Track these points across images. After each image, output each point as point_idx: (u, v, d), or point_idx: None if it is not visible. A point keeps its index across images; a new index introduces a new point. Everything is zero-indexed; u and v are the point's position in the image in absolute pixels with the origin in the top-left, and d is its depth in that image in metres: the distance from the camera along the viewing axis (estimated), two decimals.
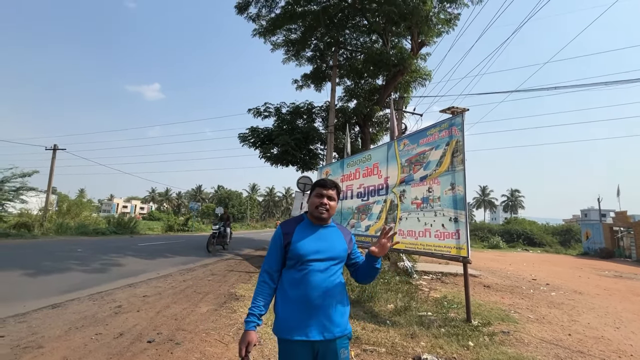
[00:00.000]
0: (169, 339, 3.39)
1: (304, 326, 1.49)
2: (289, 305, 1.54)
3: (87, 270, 6.97)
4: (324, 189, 1.67)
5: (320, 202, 1.65)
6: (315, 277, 1.54)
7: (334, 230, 1.70)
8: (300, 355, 1.49)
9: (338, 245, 1.65)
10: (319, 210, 1.64)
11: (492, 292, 7.11)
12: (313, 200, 1.68)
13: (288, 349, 1.50)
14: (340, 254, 1.64)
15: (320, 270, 1.56)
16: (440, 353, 3.51)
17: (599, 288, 8.38)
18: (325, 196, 1.66)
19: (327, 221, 1.69)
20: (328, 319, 1.52)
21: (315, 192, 1.69)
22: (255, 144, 14.75)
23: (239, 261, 10.07)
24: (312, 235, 1.62)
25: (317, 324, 1.50)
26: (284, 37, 15.46)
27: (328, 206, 1.65)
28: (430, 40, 12.68)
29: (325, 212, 1.64)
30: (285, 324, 1.51)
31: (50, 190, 20.36)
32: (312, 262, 1.56)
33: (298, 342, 1.48)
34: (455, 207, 4.98)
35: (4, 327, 3.50)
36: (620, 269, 13.66)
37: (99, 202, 59.56)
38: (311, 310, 1.51)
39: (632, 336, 4.47)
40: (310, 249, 1.58)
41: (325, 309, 1.53)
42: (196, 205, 33.68)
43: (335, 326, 1.54)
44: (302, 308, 1.51)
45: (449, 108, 5.48)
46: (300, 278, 1.55)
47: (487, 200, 69.94)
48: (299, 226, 1.67)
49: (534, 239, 30.61)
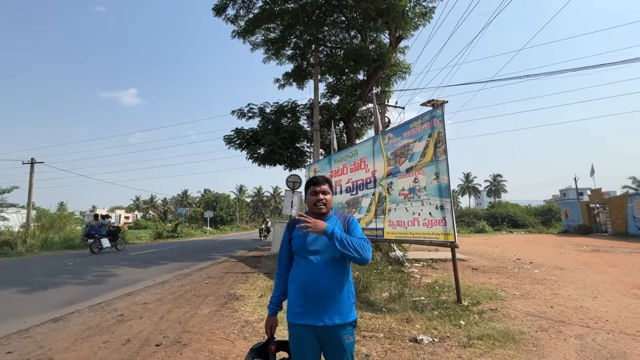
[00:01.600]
0: (176, 341, 3.50)
1: (305, 312, 1.65)
2: (293, 293, 1.72)
3: (82, 283, 6.93)
4: (317, 186, 1.81)
5: (316, 199, 1.79)
6: (314, 268, 1.68)
7: (333, 221, 1.81)
8: (306, 338, 1.65)
9: None
10: (317, 206, 1.79)
11: (480, 273, 7.47)
12: (310, 198, 1.83)
13: (295, 332, 1.68)
14: None
15: (318, 262, 1.69)
16: (434, 333, 3.75)
17: (578, 262, 8.90)
18: (319, 192, 1.80)
19: (327, 214, 1.83)
20: (327, 307, 1.65)
21: (310, 191, 1.83)
22: (241, 145, 14.73)
23: (233, 263, 10.15)
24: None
25: (316, 311, 1.64)
26: (263, 36, 15.45)
27: (324, 200, 1.79)
28: (407, 34, 12.94)
29: (324, 207, 1.79)
30: (290, 310, 1.70)
31: (31, 205, 19.75)
32: (311, 254, 1.70)
33: (302, 326, 1.65)
34: (440, 196, 5.24)
35: (10, 343, 3.53)
36: (598, 244, 14.44)
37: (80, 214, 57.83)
38: (311, 298, 1.65)
39: (608, 304, 4.86)
40: (308, 242, 1.72)
41: (324, 297, 1.65)
42: (184, 210, 33.26)
43: (335, 314, 1.65)
44: (302, 295, 1.67)
45: (429, 101, 5.71)
46: (301, 269, 1.71)
47: (471, 187, 71.73)
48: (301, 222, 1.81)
49: (518, 221, 31.76)
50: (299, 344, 1.67)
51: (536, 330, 3.78)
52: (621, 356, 3.07)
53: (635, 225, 18.36)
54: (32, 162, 20.24)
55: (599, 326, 3.89)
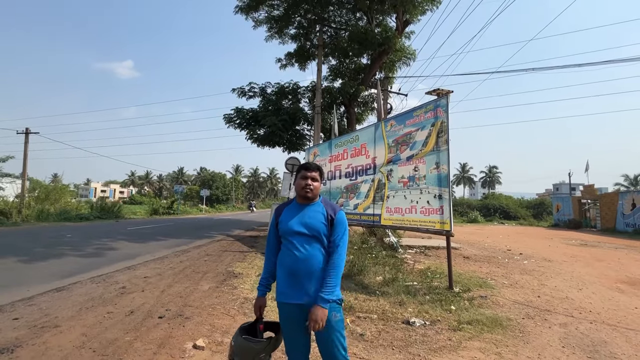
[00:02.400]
0: (178, 315, 3.63)
1: (291, 291, 1.75)
2: (280, 274, 1.83)
3: (82, 255, 7.03)
4: (308, 172, 1.88)
5: (305, 183, 1.86)
6: (298, 250, 1.77)
7: (317, 206, 1.89)
8: (293, 315, 1.75)
9: (316, 219, 1.83)
10: (304, 190, 1.87)
11: (471, 262, 7.68)
12: (299, 182, 1.90)
13: (284, 311, 1.79)
14: (318, 227, 1.79)
15: (302, 244, 1.78)
16: (426, 317, 3.92)
17: (566, 255, 9.18)
18: (309, 178, 1.87)
19: (312, 200, 1.91)
20: (312, 286, 1.75)
21: (301, 174, 1.91)
22: (241, 125, 14.61)
23: (231, 242, 10.30)
24: (297, 214, 1.85)
25: (301, 290, 1.75)
26: (267, 13, 15.02)
27: (312, 186, 1.87)
28: (414, 18, 12.68)
29: (310, 192, 1.87)
30: (279, 289, 1.80)
31: (26, 176, 19.59)
32: (295, 237, 1.79)
33: (290, 305, 1.75)
34: (439, 185, 5.32)
35: (15, 310, 3.63)
36: (586, 238, 14.82)
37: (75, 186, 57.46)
38: (296, 277, 1.76)
39: (592, 295, 5.07)
40: (293, 226, 1.81)
41: (308, 277, 1.75)
42: (180, 188, 33.23)
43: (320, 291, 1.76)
44: (288, 275, 1.78)
45: (435, 90, 5.69)
46: (287, 251, 1.81)
47: (466, 177, 72.27)
48: (287, 207, 1.92)
49: (510, 213, 32.29)
50: (289, 323, 1.78)
51: (523, 317, 3.96)
52: (602, 344, 3.25)
53: (623, 222, 18.79)
54: (27, 132, 19.91)
55: (583, 316, 4.08)
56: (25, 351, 2.69)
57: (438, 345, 3.17)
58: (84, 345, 2.81)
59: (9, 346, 2.75)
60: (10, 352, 2.65)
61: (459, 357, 2.95)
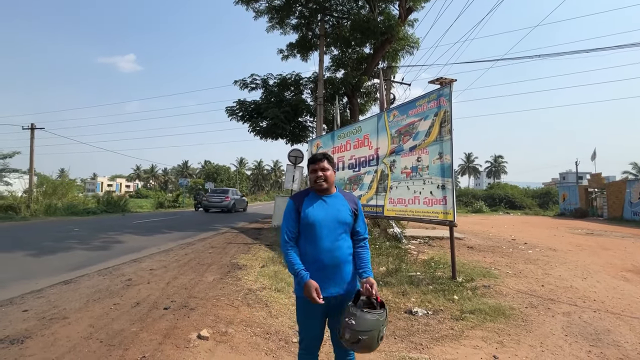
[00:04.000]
0: (183, 306, 3.68)
1: (319, 285, 1.71)
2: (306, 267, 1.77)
3: (89, 248, 7.14)
4: (316, 164, 1.86)
5: (316, 176, 1.85)
6: (324, 242, 1.77)
7: (338, 198, 1.89)
8: (317, 310, 1.76)
9: (343, 211, 1.84)
10: (318, 183, 1.84)
11: (475, 252, 7.67)
12: (310, 177, 1.89)
13: (306, 305, 1.76)
14: (346, 220, 1.84)
15: (328, 236, 1.78)
16: (429, 306, 3.94)
17: (572, 245, 9.12)
18: (318, 169, 1.85)
19: (329, 191, 1.88)
20: (339, 278, 1.78)
21: (310, 169, 1.89)
22: (243, 117, 14.57)
23: (235, 234, 10.38)
24: (319, 205, 1.83)
25: (330, 283, 1.76)
26: (267, 3, 14.81)
27: (324, 176, 1.84)
28: (418, 5, 12.40)
29: (324, 183, 1.84)
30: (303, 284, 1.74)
31: (33, 171, 19.83)
32: (321, 228, 1.78)
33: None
34: (442, 175, 5.28)
35: (25, 302, 3.71)
36: (592, 227, 14.70)
37: (81, 181, 58.10)
38: (324, 271, 1.75)
39: (597, 284, 5.05)
40: (318, 217, 1.79)
41: (335, 269, 1.77)
42: (185, 181, 33.53)
43: (346, 284, 1.80)
44: (316, 269, 1.75)
45: (438, 79, 5.60)
46: (311, 243, 1.78)
47: (471, 167, 71.68)
48: (307, 197, 1.87)
49: (515, 203, 32.09)
50: (311, 316, 1.78)
51: (526, 306, 3.96)
52: (605, 333, 3.25)
53: (631, 211, 18.58)
54: (33, 127, 20.05)
55: (587, 305, 4.07)
56: (35, 342, 2.76)
57: (440, 335, 3.19)
58: (92, 336, 2.87)
59: (19, 337, 2.82)
60: (20, 343, 2.72)
61: (461, 346, 2.96)
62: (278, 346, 2.85)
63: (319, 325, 1.81)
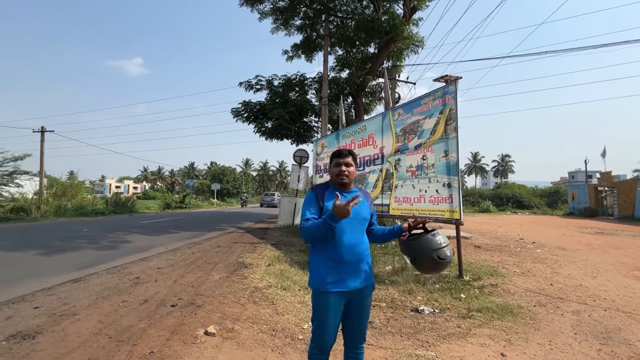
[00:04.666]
0: (190, 303, 3.72)
1: (340, 279, 1.74)
2: (324, 262, 1.76)
3: (98, 248, 7.25)
4: (341, 158, 1.86)
5: (339, 170, 1.84)
6: (346, 237, 1.76)
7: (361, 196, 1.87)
8: (336, 304, 1.76)
9: (363, 208, 1.85)
10: (340, 177, 1.84)
11: (482, 251, 7.60)
12: (333, 170, 1.88)
13: (325, 300, 1.75)
14: (366, 216, 1.86)
15: (349, 231, 1.78)
16: (435, 305, 3.92)
17: (581, 244, 8.98)
18: (342, 164, 1.85)
19: (349, 186, 1.89)
20: (358, 272, 1.79)
21: (334, 162, 1.88)
22: (249, 118, 14.66)
23: (241, 234, 10.44)
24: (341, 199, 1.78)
25: (350, 277, 1.76)
26: (272, 4, 14.89)
27: (347, 172, 1.84)
28: (422, 4, 12.37)
29: (346, 178, 1.84)
30: (323, 279, 1.74)
31: (43, 173, 20.18)
32: (347, 224, 1.76)
33: (335, 293, 1.74)
34: (448, 173, 5.25)
35: (36, 299, 3.78)
36: (602, 226, 14.46)
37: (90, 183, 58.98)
38: (345, 265, 1.76)
39: (607, 283, 4.96)
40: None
41: (355, 263, 1.78)
42: (192, 182, 33.81)
43: (365, 277, 1.81)
44: (336, 264, 1.75)
45: (443, 76, 5.57)
46: (333, 238, 1.77)
47: (478, 166, 71.04)
48: (328, 191, 1.87)
49: (523, 202, 31.69)
50: (328, 310, 1.75)
51: (534, 305, 3.92)
52: (616, 331, 3.20)
53: None
54: (43, 130, 20.42)
55: (597, 304, 4.01)
56: (46, 337, 2.81)
57: (447, 332, 3.17)
58: (101, 332, 2.91)
59: (30, 333, 2.88)
60: (32, 338, 2.78)
61: (468, 343, 2.94)
62: (284, 343, 2.86)
63: (336, 322, 1.79)
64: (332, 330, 1.79)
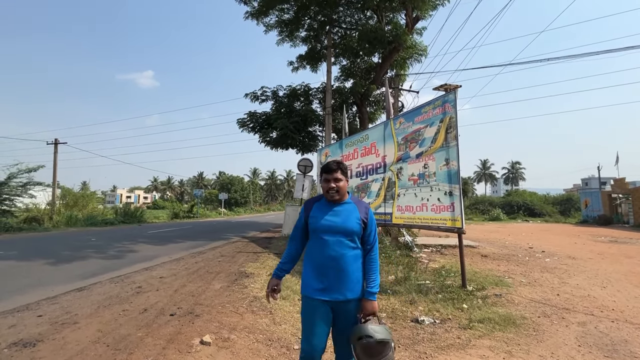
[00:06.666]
0: (189, 312, 3.74)
1: (324, 288, 1.77)
2: (310, 270, 1.85)
3: (104, 257, 7.37)
4: (329, 174, 1.86)
5: (328, 186, 1.86)
6: (328, 248, 1.79)
7: (349, 206, 1.89)
8: (320, 311, 1.78)
9: (350, 220, 1.83)
10: (330, 194, 1.86)
11: (489, 260, 7.46)
12: (323, 185, 1.90)
13: (310, 305, 1.80)
14: (352, 228, 1.81)
15: (333, 243, 1.79)
16: (436, 315, 3.85)
17: (593, 253, 8.73)
18: (331, 180, 1.85)
19: (341, 200, 1.90)
20: (342, 285, 1.78)
21: (323, 178, 1.90)
22: (254, 128, 14.86)
23: (246, 243, 10.47)
24: (327, 212, 1.85)
25: (334, 288, 1.77)
26: (277, 17, 15.21)
27: (337, 188, 1.85)
28: (425, 14, 12.47)
29: (336, 194, 1.86)
30: (310, 286, 1.81)
31: (56, 184, 20.70)
32: (326, 235, 1.80)
33: (318, 301, 1.78)
34: (450, 182, 5.22)
35: (40, 308, 3.86)
36: (616, 235, 14.04)
37: (102, 193, 60.18)
38: (326, 276, 1.78)
39: (617, 294, 4.81)
40: (324, 224, 1.81)
41: (338, 276, 1.78)
42: (200, 192, 34.18)
43: (348, 290, 1.78)
44: (319, 273, 1.80)
45: (442, 85, 5.59)
46: (317, 248, 1.82)
47: (487, 174, 70.08)
48: (317, 204, 1.92)
49: (534, 210, 31.01)
50: (313, 316, 1.79)
51: (539, 316, 3.82)
52: (622, 344, 3.09)
53: None
54: (56, 142, 21.04)
55: (604, 315, 3.88)
56: (46, 345, 2.86)
57: (446, 344, 3.11)
58: (99, 340, 2.95)
59: (31, 340, 2.94)
60: (32, 346, 2.83)
61: (467, 355, 2.88)
62: (279, 353, 2.85)
63: (322, 333, 1.79)
64: (319, 338, 1.78)
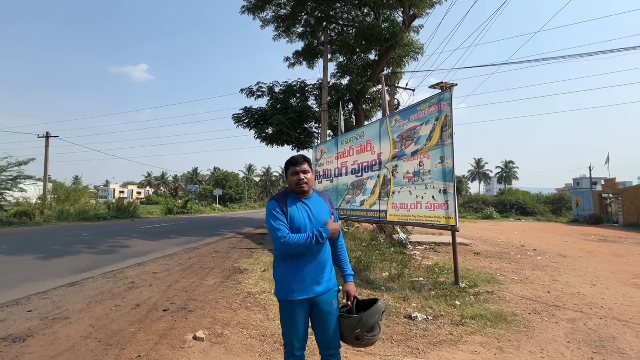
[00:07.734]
0: (182, 308, 3.72)
1: (303, 287, 1.75)
2: (289, 271, 1.77)
3: (96, 253, 7.29)
4: (297, 166, 1.83)
5: (298, 179, 1.82)
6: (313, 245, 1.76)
7: (317, 199, 1.90)
8: (300, 311, 1.76)
9: (324, 214, 1.86)
10: (300, 186, 1.82)
11: (482, 258, 7.54)
12: (291, 179, 1.84)
13: (290, 308, 1.76)
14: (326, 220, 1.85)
15: None
16: (429, 312, 3.88)
17: (583, 251, 8.87)
18: (300, 172, 1.82)
19: (308, 193, 1.89)
20: (321, 277, 1.80)
21: (290, 171, 1.85)
22: (250, 124, 14.77)
23: (240, 239, 10.44)
24: (302, 208, 1.83)
25: (312, 283, 1.77)
26: (274, 12, 15.09)
27: (306, 179, 1.83)
28: (422, 12, 12.47)
29: (305, 186, 1.83)
30: (287, 288, 1.75)
31: (47, 178, 20.40)
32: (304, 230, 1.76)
33: (298, 301, 1.75)
34: (444, 180, 5.24)
35: (30, 303, 3.81)
36: (607, 234, 14.27)
37: (94, 188, 59.43)
38: (310, 273, 1.77)
39: (606, 291, 4.89)
40: (303, 221, 1.79)
41: (318, 270, 1.79)
42: (194, 187, 33.94)
43: (326, 282, 1.82)
44: (299, 271, 1.76)
45: (438, 84, 5.61)
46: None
47: (481, 173, 70.66)
48: (289, 199, 1.84)
49: (527, 209, 31.36)
50: (295, 319, 1.77)
51: (529, 313, 3.87)
52: (610, 340, 3.15)
53: None
54: (47, 136, 20.72)
55: (593, 312, 3.95)
56: (36, 340, 2.82)
57: (438, 340, 3.14)
58: (91, 336, 2.92)
59: (21, 336, 2.90)
60: (22, 342, 2.79)
61: (459, 351, 2.91)
62: (273, 349, 2.85)
63: (303, 327, 1.80)
64: (304, 334, 1.81)
